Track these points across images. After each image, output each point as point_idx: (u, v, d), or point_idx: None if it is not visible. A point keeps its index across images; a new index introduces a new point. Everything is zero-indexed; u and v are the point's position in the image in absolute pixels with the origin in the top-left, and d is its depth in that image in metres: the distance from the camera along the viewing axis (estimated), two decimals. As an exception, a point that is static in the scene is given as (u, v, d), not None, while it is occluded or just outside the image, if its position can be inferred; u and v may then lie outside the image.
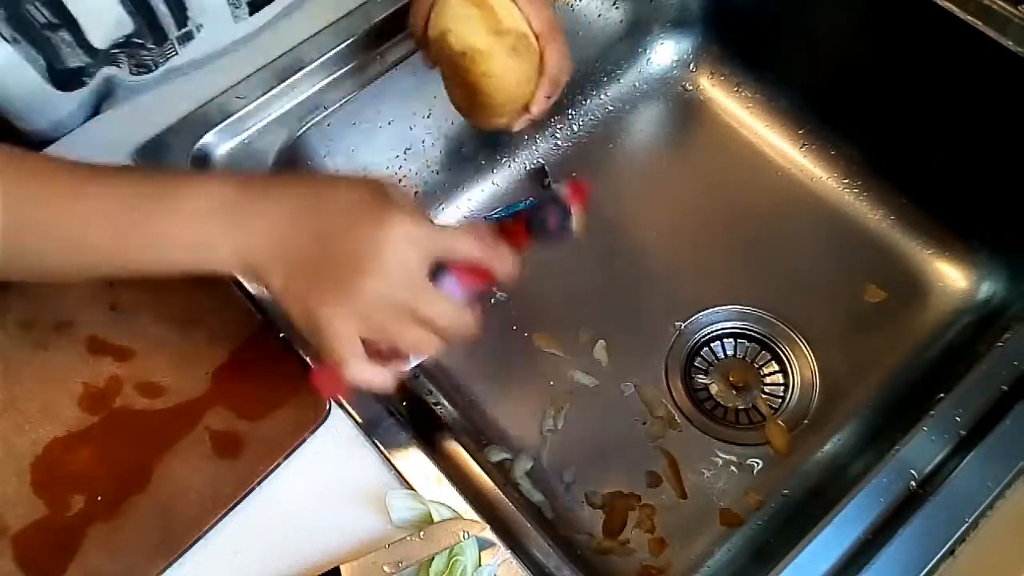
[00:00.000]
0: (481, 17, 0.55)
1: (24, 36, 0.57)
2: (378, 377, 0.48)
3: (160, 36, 0.63)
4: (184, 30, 0.64)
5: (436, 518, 0.51)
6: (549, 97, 0.59)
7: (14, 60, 0.58)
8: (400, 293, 0.46)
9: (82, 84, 0.63)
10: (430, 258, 0.47)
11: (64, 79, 0.62)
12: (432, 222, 0.48)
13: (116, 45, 0.62)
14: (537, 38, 0.57)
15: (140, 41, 0.62)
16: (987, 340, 0.63)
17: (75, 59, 0.60)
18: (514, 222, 0.54)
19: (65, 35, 0.58)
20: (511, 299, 0.79)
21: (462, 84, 0.58)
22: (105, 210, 0.47)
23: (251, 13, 0.68)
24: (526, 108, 0.59)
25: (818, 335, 0.77)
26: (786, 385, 0.76)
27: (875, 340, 0.77)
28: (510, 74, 0.56)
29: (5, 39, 0.56)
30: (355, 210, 0.47)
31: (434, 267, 0.48)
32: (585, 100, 0.87)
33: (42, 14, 0.56)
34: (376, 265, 0.45)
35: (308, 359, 0.56)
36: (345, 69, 0.70)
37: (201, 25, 0.65)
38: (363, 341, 0.47)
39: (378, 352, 0.48)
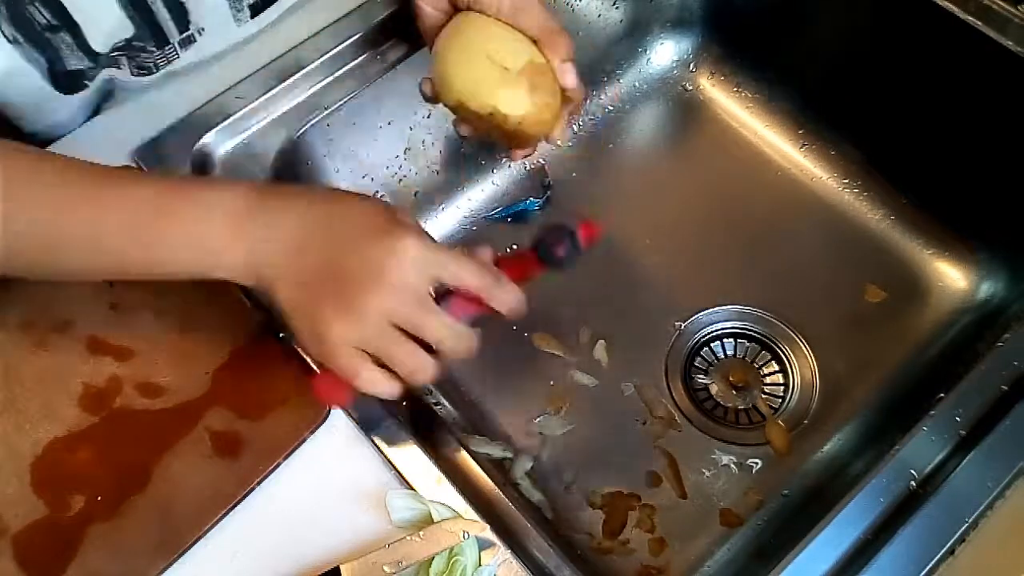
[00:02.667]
0: (487, 78, 0.54)
1: (25, 37, 0.57)
2: (386, 385, 0.48)
3: (161, 40, 0.63)
4: (186, 34, 0.64)
5: (436, 518, 0.51)
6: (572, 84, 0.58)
7: (16, 61, 0.58)
8: (403, 311, 0.46)
9: (83, 87, 0.63)
10: (435, 281, 0.47)
11: (65, 81, 0.62)
12: (440, 246, 0.49)
13: (117, 48, 0.62)
14: (537, 43, 0.56)
15: (141, 44, 0.62)
16: (987, 340, 0.63)
17: (76, 61, 0.60)
18: (521, 252, 0.54)
19: (66, 37, 0.58)
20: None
21: (500, 135, 0.58)
22: (120, 214, 0.48)
23: (252, 16, 0.68)
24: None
25: (818, 335, 0.77)
26: (786, 385, 0.76)
27: (875, 340, 0.77)
28: (539, 107, 0.55)
29: (7, 38, 0.56)
30: (365, 229, 0.47)
31: (439, 290, 0.48)
32: (585, 100, 0.87)
33: (43, 15, 0.56)
34: (382, 284, 0.46)
35: (309, 360, 0.56)
36: (345, 69, 0.70)
37: (203, 28, 0.65)
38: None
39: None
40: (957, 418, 0.56)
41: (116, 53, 0.62)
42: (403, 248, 0.46)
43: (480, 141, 0.60)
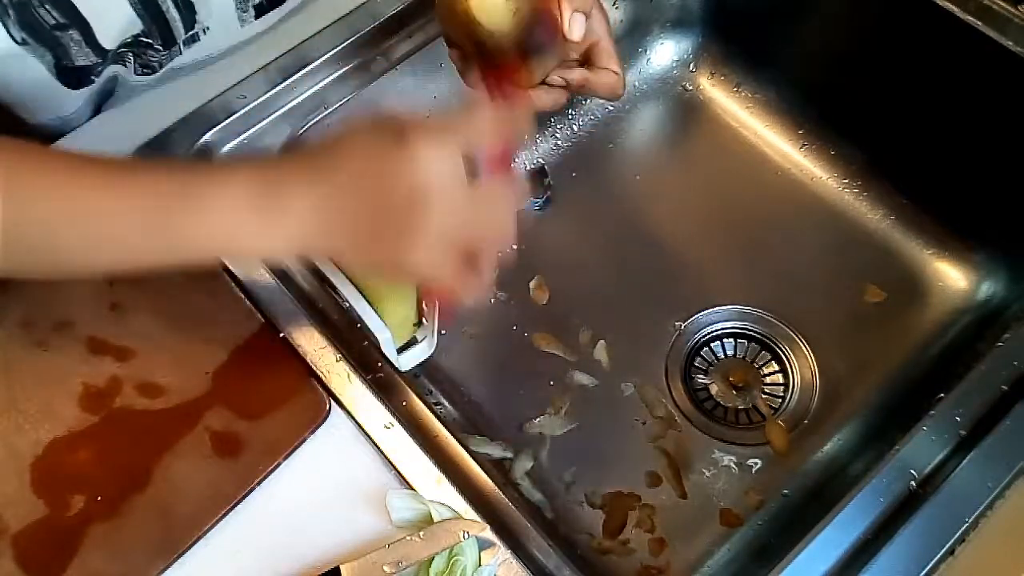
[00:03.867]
0: None
1: (33, 38, 0.57)
2: (484, 282, 0.48)
3: (168, 38, 0.63)
4: (191, 32, 0.64)
5: (436, 518, 0.51)
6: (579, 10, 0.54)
7: (22, 55, 0.58)
8: (453, 205, 0.45)
9: (90, 82, 0.63)
10: (461, 156, 0.46)
11: (72, 77, 0.62)
12: (445, 124, 0.47)
13: (124, 44, 0.62)
14: None
15: (148, 41, 0.62)
16: (987, 340, 0.63)
17: (83, 58, 0.60)
18: (507, 62, 0.53)
19: (75, 34, 0.58)
20: (511, 299, 0.79)
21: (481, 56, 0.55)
22: (134, 206, 0.47)
23: (257, 16, 0.68)
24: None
25: (818, 335, 0.77)
26: (786, 385, 0.76)
27: (875, 340, 0.77)
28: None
29: (15, 40, 0.56)
30: (376, 153, 0.46)
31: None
32: (585, 100, 0.87)
33: (51, 15, 0.56)
34: (419, 193, 0.44)
35: (308, 362, 0.56)
36: (347, 68, 0.70)
37: (208, 28, 0.65)
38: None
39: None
40: (957, 418, 0.56)
41: (123, 49, 0.62)
42: (418, 154, 0.44)
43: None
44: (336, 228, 0.46)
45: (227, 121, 0.66)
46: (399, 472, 0.53)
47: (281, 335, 0.57)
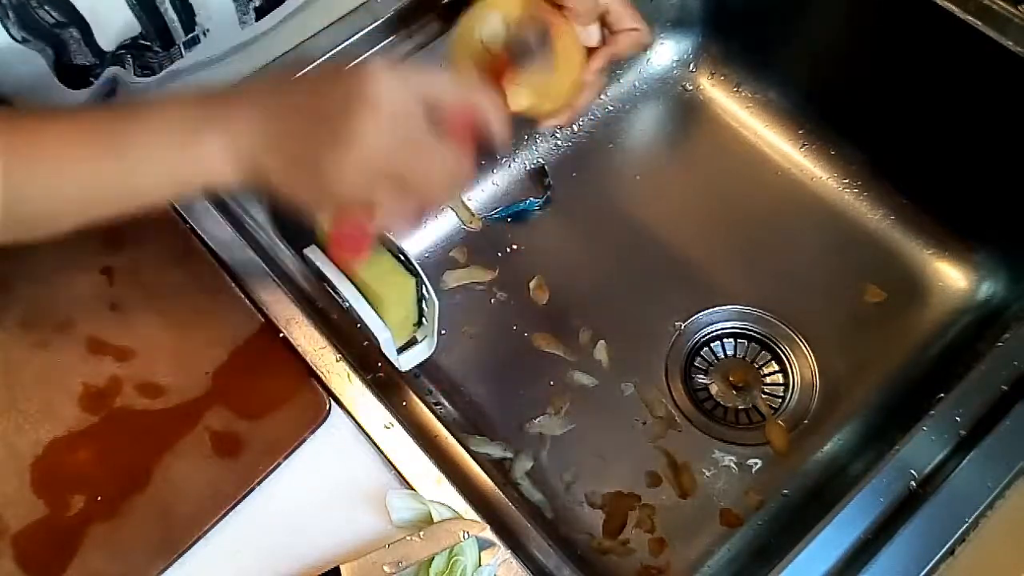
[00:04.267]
0: None
1: (33, 36, 0.57)
2: (407, 213, 0.46)
3: (167, 40, 0.63)
4: (191, 35, 0.64)
5: (436, 518, 0.51)
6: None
7: (23, 54, 0.58)
8: (403, 124, 0.44)
9: (89, 83, 0.63)
10: (420, 96, 0.45)
11: (71, 76, 0.61)
12: (415, 69, 0.46)
13: (123, 46, 0.62)
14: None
15: (147, 44, 0.62)
16: (987, 340, 0.63)
17: (82, 57, 0.60)
18: (497, 57, 0.53)
19: (74, 33, 0.58)
20: (511, 299, 0.79)
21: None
22: (76, 142, 0.46)
23: (257, 19, 0.68)
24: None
25: (818, 335, 0.77)
26: (786, 385, 0.76)
27: (875, 340, 0.77)
28: (563, 92, 0.54)
29: (14, 39, 0.56)
30: (332, 74, 0.45)
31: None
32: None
33: (51, 15, 0.56)
34: (369, 103, 0.43)
35: (308, 362, 0.56)
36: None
37: (208, 30, 0.65)
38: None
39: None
40: (957, 418, 0.56)
41: (122, 52, 0.62)
42: (376, 71, 0.43)
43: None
44: (273, 142, 0.44)
45: (227, 121, 0.66)
46: (399, 472, 0.53)
47: (281, 335, 0.57)
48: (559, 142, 0.87)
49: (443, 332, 0.58)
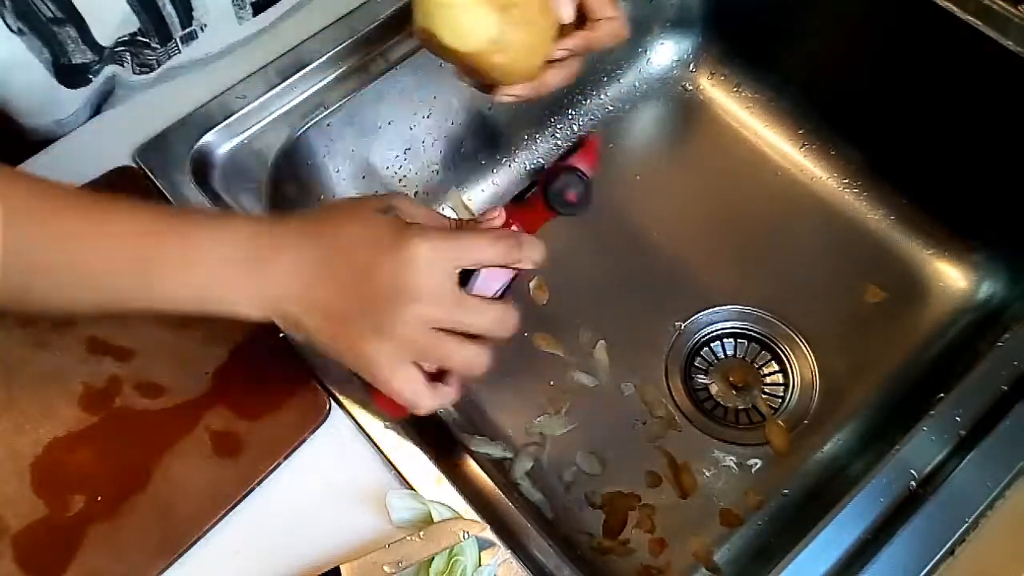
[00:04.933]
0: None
1: (30, 27, 0.57)
2: (441, 399, 0.48)
3: (165, 35, 0.63)
4: (188, 30, 0.64)
5: (436, 518, 0.51)
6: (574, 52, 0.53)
7: (21, 55, 0.58)
8: (437, 312, 0.46)
9: (87, 81, 0.63)
10: (457, 269, 0.47)
11: (69, 75, 0.62)
12: (450, 232, 0.48)
13: (121, 43, 0.62)
14: None
15: (145, 40, 0.62)
16: (987, 340, 0.63)
17: (80, 55, 0.60)
18: (532, 200, 0.53)
19: (71, 31, 0.58)
20: (511, 299, 0.79)
21: (471, 72, 0.53)
22: (123, 251, 0.46)
23: (255, 14, 0.68)
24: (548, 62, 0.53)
25: (818, 335, 0.77)
26: (786, 385, 0.76)
27: (875, 340, 0.77)
28: (522, 50, 0.49)
29: (11, 29, 0.56)
30: (374, 244, 0.46)
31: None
32: (585, 100, 0.87)
33: (48, 8, 0.56)
34: (407, 291, 0.45)
35: (309, 362, 0.56)
36: (345, 68, 0.70)
37: (205, 25, 0.65)
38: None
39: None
40: (957, 418, 0.56)
41: (120, 48, 0.62)
42: (415, 255, 0.45)
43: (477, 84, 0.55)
44: (314, 297, 0.46)
45: (226, 122, 0.66)
46: (399, 472, 0.53)
47: (281, 335, 0.57)
48: (559, 142, 0.87)
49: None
